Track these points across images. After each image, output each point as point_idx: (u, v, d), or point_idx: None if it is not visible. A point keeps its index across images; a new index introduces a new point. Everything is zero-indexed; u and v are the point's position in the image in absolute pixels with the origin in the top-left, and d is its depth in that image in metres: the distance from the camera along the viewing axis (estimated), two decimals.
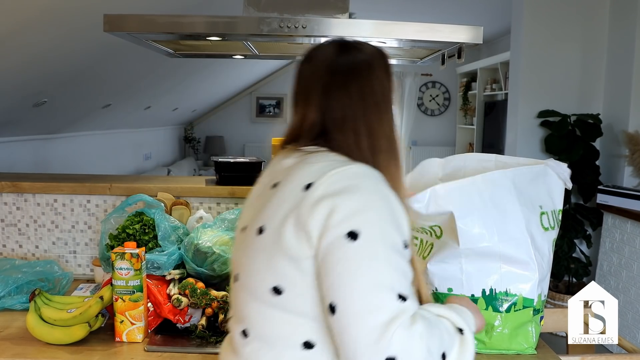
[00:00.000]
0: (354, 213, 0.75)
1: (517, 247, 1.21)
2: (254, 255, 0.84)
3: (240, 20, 1.40)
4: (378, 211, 0.77)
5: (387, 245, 0.75)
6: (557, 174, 1.29)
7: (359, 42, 0.94)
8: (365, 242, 0.74)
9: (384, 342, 0.69)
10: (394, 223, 0.78)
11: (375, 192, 0.79)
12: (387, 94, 0.90)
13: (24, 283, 1.48)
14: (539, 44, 3.39)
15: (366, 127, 0.86)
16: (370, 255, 0.74)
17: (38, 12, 2.05)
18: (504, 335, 1.22)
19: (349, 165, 0.81)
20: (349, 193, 0.77)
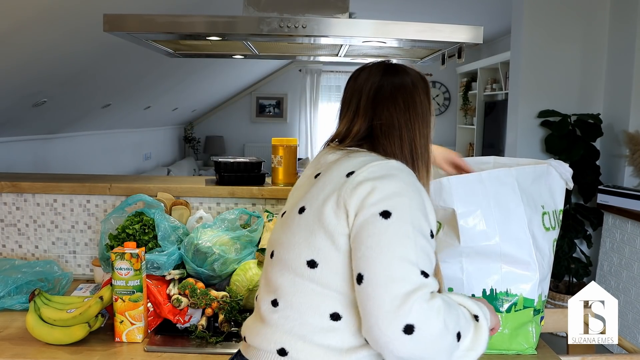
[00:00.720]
0: (389, 196, 0.83)
1: (519, 246, 1.21)
2: (294, 231, 0.91)
3: (240, 20, 1.40)
4: (411, 198, 0.84)
5: (416, 228, 0.81)
6: (560, 174, 1.29)
7: (403, 65, 1.05)
8: (396, 221, 0.80)
9: (405, 310, 0.75)
10: (424, 212, 0.85)
11: (411, 183, 0.87)
12: (427, 112, 1.00)
13: (24, 283, 1.48)
14: (539, 44, 3.39)
15: (409, 136, 0.97)
16: (399, 233, 0.80)
17: (38, 12, 2.05)
18: (504, 335, 1.22)
19: (389, 160, 0.91)
20: (387, 178, 0.86)
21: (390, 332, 0.75)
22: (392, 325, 0.75)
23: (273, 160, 1.80)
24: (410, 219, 0.82)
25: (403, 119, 0.98)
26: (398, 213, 0.81)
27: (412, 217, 0.82)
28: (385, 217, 0.81)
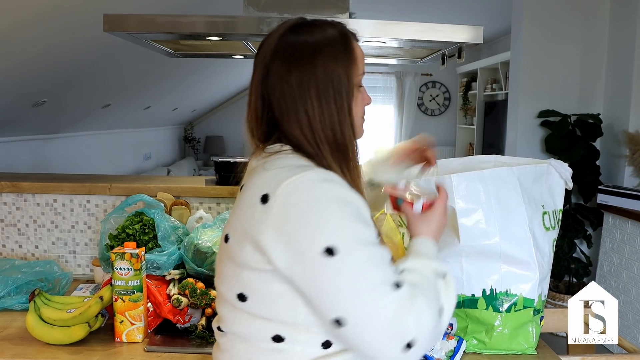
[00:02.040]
0: (319, 228, 0.75)
1: (519, 246, 1.21)
2: (224, 262, 0.87)
3: (240, 20, 1.40)
4: (342, 217, 0.76)
5: (363, 245, 0.76)
6: (560, 174, 1.29)
7: (317, 22, 0.88)
8: (344, 253, 0.74)
9: (399, 333, 0.74)
10: (360, 220, 0.78)
11: (332, 198, 0.77)
12: (335, 81, 0.84)
13: (24, 283, 1.48)
14: (539, 44, 3.39)
15: (306, 117, 0.83)
16: (355, 263, 0.75)
17: (38, 12, 2.05)
18: (504, 335, 1.22)
19: (302, 174, 0.78)
20: (307, 204, 0.76)
21: (395, 356, 0.74)
22: (394, 352, 0.74)
23: None
24: (354, 241, 0.75)
25: (296, 96, 0.83)
26: (340, 244, 0.74)
27: (355, 238, 0.76)
28: (330, 254, 0.74)
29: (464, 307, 1.24)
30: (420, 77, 7.44)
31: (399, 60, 1.96)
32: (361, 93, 0.91)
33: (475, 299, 1.22)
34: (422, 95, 7.53)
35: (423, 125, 7.53)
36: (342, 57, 0.85)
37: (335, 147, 0.85)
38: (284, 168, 0.81)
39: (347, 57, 0.86)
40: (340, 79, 0.84)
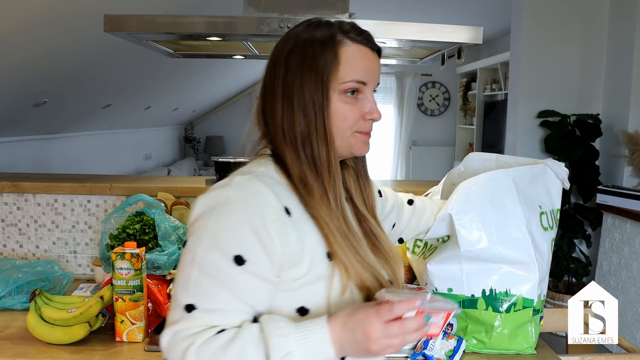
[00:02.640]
0: (194, 220, 0.76)
1: (518, 247, 1.21)
2: None
3: (240, 20, 1.40)
4: (203, 234, 0.73)
5: (200, 257, 0.72)
6: (556, 174, 1.29)
7: (315, 21, 0.83)
8: (186, 250, 0.74)
9: (167, 350, 0.72)
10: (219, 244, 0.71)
11: (223, 209, 0.73)
12: (301, 87, 0.78)
13: (25, 283, 1.48)
14: (538, 44, 3.40)
15: (272, 117, 0.81)
16: (182, 265, 0.74)
17: (38, 12, 2.06)
18: (503, 335, 1.22)
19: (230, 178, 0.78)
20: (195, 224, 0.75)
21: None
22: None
23: None
24: (199, 246, 0.72)
25: (270, 89, 0.82)
26: (189, 241, 0.74)
27: (205, 244, 0.72)
28: (184, 246, 0.75)
29: (463, 307, 1.24)
30: (420, 78, 7.44)
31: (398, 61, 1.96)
32: (353, 104, 0.81)
33: (475, 299, 1.22)
34: (422, 95, 7.53)
35: (423, 126, 7.54)
36: (316, 61, 0.78)
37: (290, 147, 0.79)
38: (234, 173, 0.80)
39: (323, 62, 0.78)
40: (309, 85, 0.78)
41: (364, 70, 0.82)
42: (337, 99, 0.80)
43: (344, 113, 0.80)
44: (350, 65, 0.80)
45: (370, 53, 0.84)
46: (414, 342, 1.23)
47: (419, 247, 1.40)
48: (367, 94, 0.83)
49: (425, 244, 1.38)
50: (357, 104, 0.82)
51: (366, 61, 0.83)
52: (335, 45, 0.80)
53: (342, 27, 0.82)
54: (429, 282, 1.29)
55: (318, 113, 0.78)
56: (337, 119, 0.80)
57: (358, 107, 0.82)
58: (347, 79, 0.80)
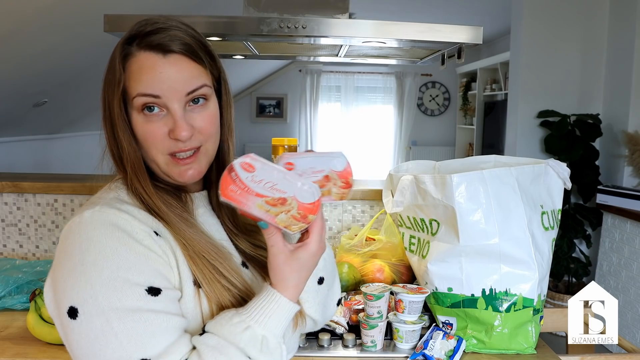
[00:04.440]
0: (70, 284, 0.65)
1: (519, 246, 1.21)
2: None
3: (240, 20, 1.40)
4: (97, 274, 0.64)
5: (116, 309, 0.64)
6: (557, 173, 1.29)
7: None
8: (86, 317, 0.63)
9: None
10: (123, 275, 0.65)
11: (92, 248, 0.66)
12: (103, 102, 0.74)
13: (25, 283, 1.48)
14: (538, 44, 3.40)
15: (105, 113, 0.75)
16: (94, 332, 0.63)
17: (38, 12, 2.06)
18: (503, 335, 1.22)
19: (82, 214, 0.69)
20: (65, 258, 0.67)
21: None
22: None
23: (273, 160, 1.80)
24: (105, 304, 0.63)
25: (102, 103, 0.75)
26: (83, 306, 0.64)
27: (108, 300, 0.63)
28: (72, 316, 0.64)
29: (463, 307, 1.24)
30: (420, 78, 7.44)
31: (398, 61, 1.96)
32: (154, 122, 0.72)
33: (475, 298, 1.23)
34: (422, 95, 7.53)
35: (423, 126, 7.54)
36: (111, 77, 0.73)
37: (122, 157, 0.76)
38: (82, 207, 0.73)
39: (115, 79, 0.72)
40: (104, 101, 0.74)
41: (149, 81, 0.71)
42: (136, 118, 0.73)
43: (142, 133, 0.73)
44: (134, 78, 0.71)
45: (158, 59, 0.71)
46: (415, 342, 1.23)
47: (413, 244, 1.41)
48: (171, 108, 0.72)
49: (418, 240, 1.38)
50: (160, 122, 0.72)
51: (151, 71, 0.71)
52: (122, 58, 0.72)
53: (130, 34, 0.73)
54: (429, 282, 1.29)
55: (124, 137, 0.74)
56: (141, 142, 0.74)
57: (160, 125, 0.72)
58: (133, 94, 0.71)
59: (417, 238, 1.38)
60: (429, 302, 1.32)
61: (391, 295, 1.26)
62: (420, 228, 1.35)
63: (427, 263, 1.28)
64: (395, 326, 1.24)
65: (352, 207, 1.80)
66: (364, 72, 7.38)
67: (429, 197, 1.26)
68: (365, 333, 1.22)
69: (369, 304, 1.22)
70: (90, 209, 0.69)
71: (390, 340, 1.26)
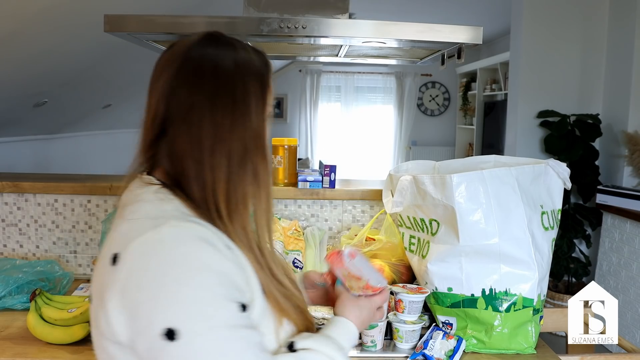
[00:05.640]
0: (163, 305, 0.62)
1: (519, 246, 1.21)
2: (92, 324, 0.71)
3: (240, 20, 1.40)
4: (193, 292, 0.62)
5: (217, 328, 0.62)
6: (557, 173, 1.29)
7: (237, 40, 0.79)
8: (187, 339, 0.60)
9: None
10: (218, 292, 0.64)
11: (184, 265, 0.63)
12: (252, 103, 0.75)
13: (25, 283, 1.48)
14: (538, 44, 3.40)
15: (214, 119, 0.71)
16: (199, 351, 0.61)
17: (38, 12, 2.06)
18: (503, 334, 1.22)
19: (155, 230, 0.65)
20: (152, 278, 0.62)
21: None
22: None
23: (273, 160, 1.81)
24: (205, 325, 0.61)
25: (207, 102, 0.71)
26: (184, 327, 0.60)
27: (207, 321, 0.62)
28: (170, 338, 0.60)
29: (463, 306, 1.24)
30: (420, 78, 7.44)
31: (398, 61, 1.96)
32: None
33: (475, 298, 1.23)
34: (422, 95, 7.53)
35: (423, 126, 7.54)
36: (262, 80, 0.79)
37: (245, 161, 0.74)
38: (138, 220, 0.68)
39: (263, 81, 0.79)
40: (257, 103, 0.78)
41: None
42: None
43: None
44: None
45: None
46: (415, 342, 1.24)
47: (413, 244, 1.41)
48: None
49: (418, 240, 1.38)
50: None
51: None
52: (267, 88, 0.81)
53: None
54: (429, 282, 1.29)
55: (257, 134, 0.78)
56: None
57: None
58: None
59: (417, 238, 1.39)
60: (429, 302, 1.32)
61: (391, 295, 1.26)
62: (420, 228, 1.36)
63: (427, 263, 1.28)
64: (395, 326, 1.24)
65: (352, 207, 1.80)
66: (364, 72, 7.39)
67: (429, 197, 1.26)
68: (365, 333, 1.22)
69: None
70: (165, 225, 0.66)
71: (390, 340, 1.26)
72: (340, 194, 1.77)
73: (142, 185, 0.74)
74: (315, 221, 1.80)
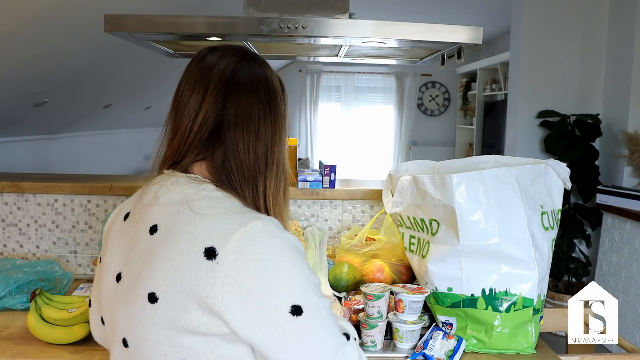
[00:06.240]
0: (283, 286, 0.70)
1: (519, 246, 1.21)
2: (147, 326, 0.72)
3: (240, 20, 1.40)
4: (300, 270, 0.72)
5: (320, 296, 0.74)
6: (557, 173, 1.29)
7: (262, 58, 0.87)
8: (310, 310, 0.71)
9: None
10: (309, 267, 0.75)
11: (286, 250, 0.72)
12: (285, 119, 0.87)
13: (25, 283, 1.48)
14: (538, 44, 3.40)
15: (267, 135, 0.81)
16: (320, 320, 0.73)
17: (38, 12, 2.06)
18: (503, 334, 1.22)
19: (252, 223, 0.71)
20: (264, 265, 0.69)
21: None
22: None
23: None
24: (314, 295, 0.72)
25: (262, 113, 0.80)
26: (305, 301, 0.71)
27: (314, 291, 0.73)
28: (297, 313, 0.70)
29: (463, 306, 1.24)
30: (420, 78, 7.45)
31: (398, 61, 1.96)
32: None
33: (475, 298, 1.23)
34: (422, 95, 7.53)
35: (423, 126, 7.54)
36: (286, 101, 0.91)
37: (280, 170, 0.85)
38: (223, 215, 0.72)
39: (286, 102, 0.91)
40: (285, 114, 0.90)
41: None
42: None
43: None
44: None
45: None
46: (415, 342, 1.24)
47: (413, 244, 1.41)
48: None
49: (418, 240, 1.38)
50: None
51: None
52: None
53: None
54: (429, 282, 1.29)
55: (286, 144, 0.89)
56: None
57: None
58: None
59: (417, 238, 1.39)
60: (429, 302, 1.32)
61: (391, 295, 1.26)
62: (420, 228, 1.36)
63: (427, 263, 1.28)
64: (395, 326, 1.24)
65: (352, 207, 1.80)
66: (364, 72, 7.39)
67: (429, 197, 1.26)
68: (365, 333, 1.22)
69: (369, 304, 1.22)
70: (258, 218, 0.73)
71: (390, 340, 1.26)
72: (340, 194, 1.78)
73: (193, 183, 0.78)
74: (315, 221, 1.80)
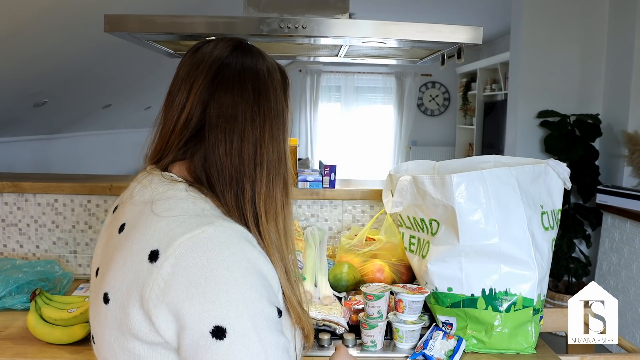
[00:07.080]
0: (212, 303, 0.62)
1: (519, 246, 1.21)
2: (103, 326, 0.70)
3: (240, 20, 1.40)
4: (241, 290, 0.63)
5: (261, 330, 0.63)
6: (557, 173, 1.30)
7: (260, 49, 0.83)
8: (235, 337, 0.61)
9: None
10: (263, 293, 0.65)
11: (234, 264, 0.64)
12: (283, 112, 0.79)
13: (25, 283, 1.48)
14: (538, 44, 3.40)
15: (254, 134, 0.74)
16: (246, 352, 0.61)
17: (38, 12, 2.06)
18: (503, 334, 1.22)
19: (202, 229, 0.65)
20: (204, 268, 0.62)
21: None
22: None
23: None
24: (251, 323, 0.62)
25: (249, 112, 0.74)
26: (233, 325, 0.61)
27: (253, 321, 0.62)
28: (219, 336, 0.61)
29: (463, 306, 1.24)
30: (420, 78, 7.45)
31: (398, 61, 1.96)
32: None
33: (475, 298, 1.23)
34: (422, 95, 7.53)
35: (423, 126, 7.54)
36: (287, 91, 0.84)
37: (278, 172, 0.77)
38: (178, 217, 0.67)
39: (287, 92, 0.84)
40: (286, 111, 0.83)
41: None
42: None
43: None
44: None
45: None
46: (415, 342, 1.24)
47: (413, 244, 1.41)
48: None
49: (418, 240, 1.38)
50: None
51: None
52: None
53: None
54: (429, 282, 1.29)
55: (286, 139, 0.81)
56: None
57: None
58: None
59: (417, 238, 1.39)
60: (429, 302, 1.32)
61: (391, 295, 1.26)
62: (420, 228, 1.36)
63: (427, 263, 1.28)
64: (395, 326, 1.24)
65: (352, 207, 1.80)
66: (364, 72, 7.39)
67: (429, 197, 1.26)
68: (365, 333, 1.22)
69: (369, 304, 1.22)
70: (212, 224, 0.66)
71: (390, 340, 1.26)
72: (340, 194, 1.78)
73: (165, 182, 0.74)
74: (315, 221, 1.80)
